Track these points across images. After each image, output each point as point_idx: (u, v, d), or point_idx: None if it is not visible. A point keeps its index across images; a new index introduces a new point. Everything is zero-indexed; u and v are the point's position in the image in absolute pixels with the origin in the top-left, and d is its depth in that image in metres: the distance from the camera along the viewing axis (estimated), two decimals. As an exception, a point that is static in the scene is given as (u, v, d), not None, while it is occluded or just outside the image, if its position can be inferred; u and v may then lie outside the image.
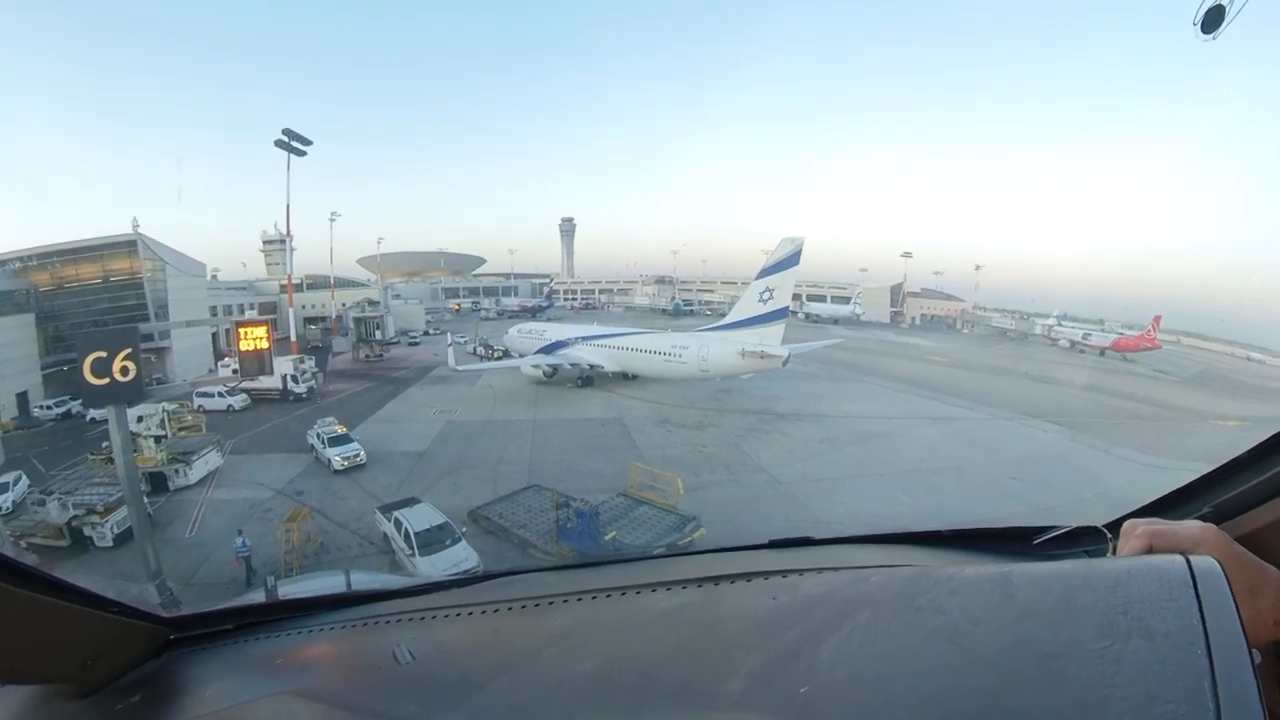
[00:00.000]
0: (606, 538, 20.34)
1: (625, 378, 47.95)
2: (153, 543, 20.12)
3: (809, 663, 1.56)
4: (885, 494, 26.12)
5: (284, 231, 66.20)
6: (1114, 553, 2.00)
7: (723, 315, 52.00)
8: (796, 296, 78.62)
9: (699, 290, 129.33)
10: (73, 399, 44.61)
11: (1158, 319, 68.56)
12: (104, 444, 27.06)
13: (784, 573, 2.17)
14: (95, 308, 54.57)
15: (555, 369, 48.28)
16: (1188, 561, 1.34)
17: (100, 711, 2.13)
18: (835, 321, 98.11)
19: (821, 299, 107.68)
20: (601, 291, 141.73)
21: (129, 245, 55.17)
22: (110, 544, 23.78)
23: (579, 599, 2.39)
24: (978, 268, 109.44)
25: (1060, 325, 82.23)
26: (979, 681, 1.28)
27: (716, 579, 2.25)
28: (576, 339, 50.19)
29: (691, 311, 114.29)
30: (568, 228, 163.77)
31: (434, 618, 2.52)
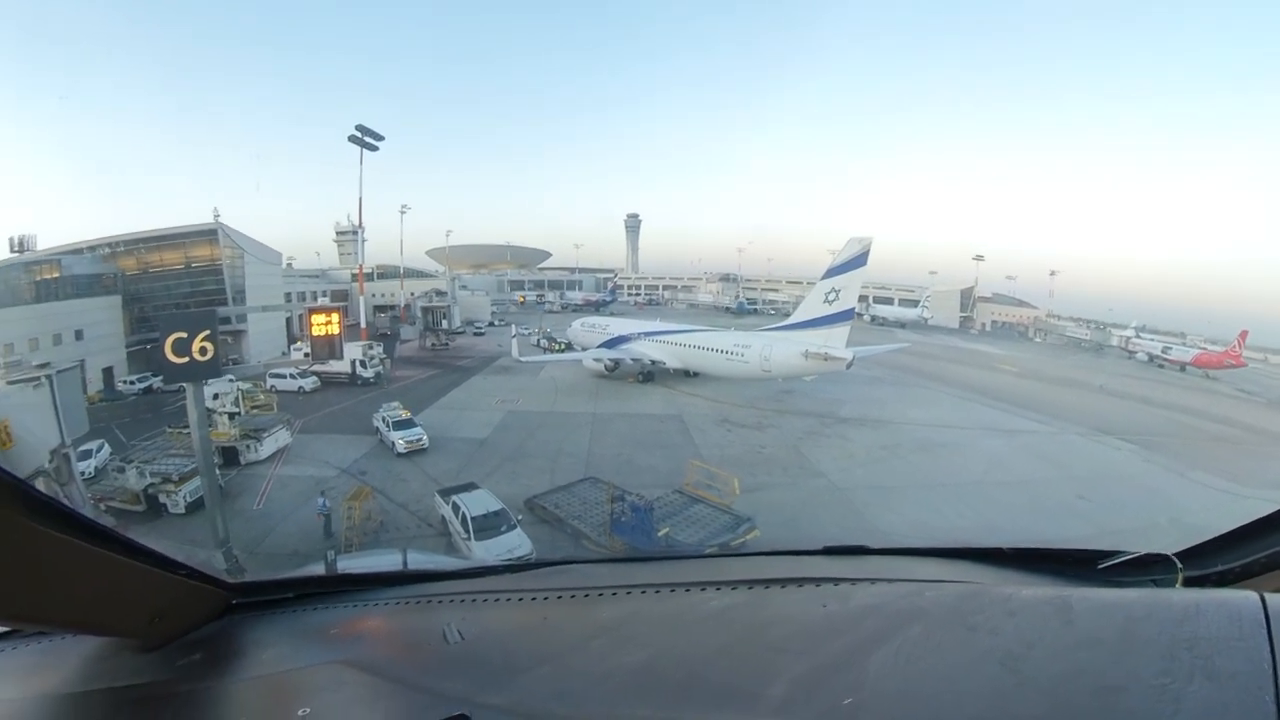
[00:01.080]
0: (659, 534, 20.20)
1: (686, 375, 47.81)
2: (222, 512, 20.93)
3: (855, 674, 1.54)
4: (946, 506, 25.23)
5: (356, 223, 68.16)
6: (1183, 583, 1.97)
7: (787, 315, 51.36)
8: (863, 298, 77.13)
9: (763, 289, 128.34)
10: (154, 375, 47.20)
11: (1244, 334, 64.50)
12: (182, 419, 28.16)
13: (836, 581, 2.17)
14: (177, 291, 57.63)
15: (617, 363, 48.48)
16: (1262, 599, 1.27)
17: (163, 666, 2.18)
18: (902, 325, 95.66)
19: (888, 301, 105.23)
20: (665, 288, 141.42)
21: (210, 234, 58.32)
22: (183, 511, 25.06)
23: (628, 593, 2.39)
24: (1053, 273, 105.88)
25: (1138, 337, 78.13)
26: (1030, 709, 1.24)
27: (767, 582, 2.24)
28: (639, 334, 50.06)
29: (755, 310, 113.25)
30: (633, 223, 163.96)
31: (485, 601, 2.56)
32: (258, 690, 2.07)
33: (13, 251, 51.60)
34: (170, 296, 56.80)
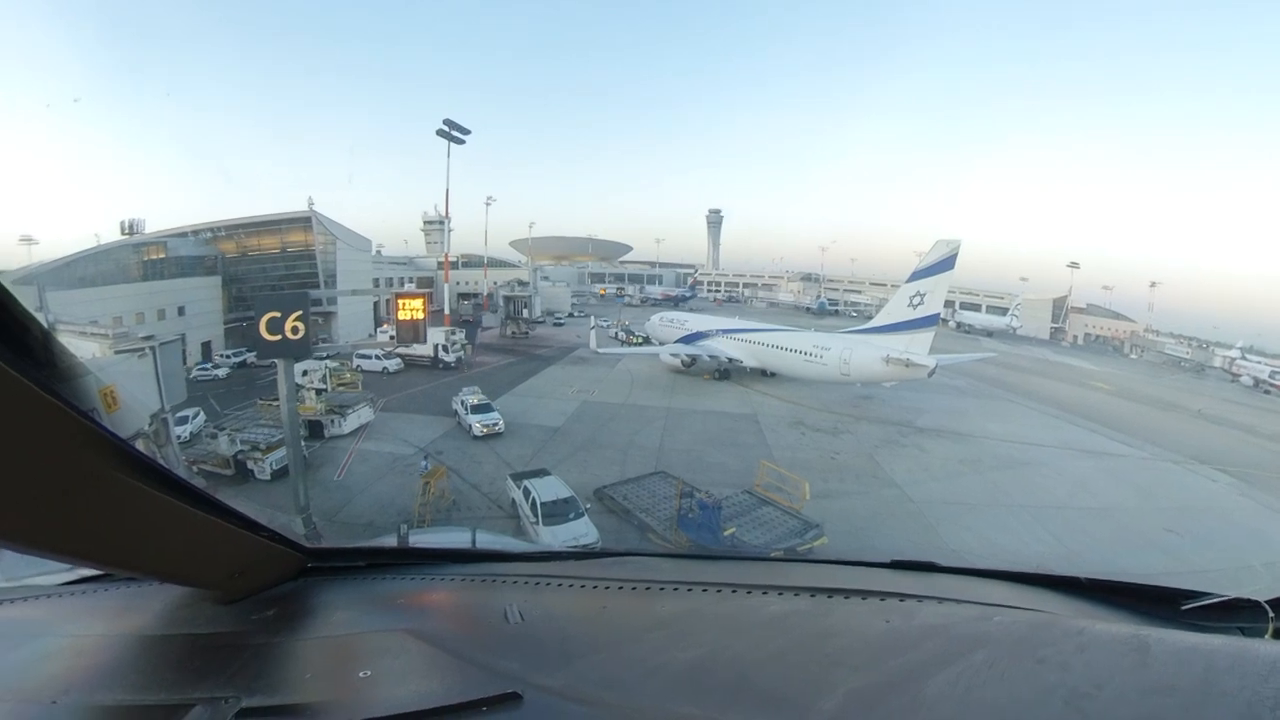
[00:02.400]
0: (725, 533, 20.07)
1: (763, 374, 47.18)
2: (304, 481, 21.88)
3: (913, 695, 1.49)
4: (1023, 528, 24.07)
5: (443, 213, 70.76)
6: (1274, 634, 1.87)
7: (869, 318, 50.29)
8: (949, 304, 74.64)
9: (845, 290, 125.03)
10: (248, 351, 49.83)
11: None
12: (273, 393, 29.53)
13: (901, 596, 2.13)
14: (272, 274, 60.86)
15: (694, 359, 48.17)
16: None
17: (239, 619, 2.30)
18: (989, 334, 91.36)
19: (976, 308, 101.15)
20: (745, 285, 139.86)
21: (305, 221, 61.43)
22: (268, 478, 26.50)
23: (689, 589, 2.38)
24: (1153, 285, 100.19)
25: (1245, 359, 71.99)
26: None
27: (830, 591, 2.20)
28: (717, 331, 49.62)
29: (836, 312, 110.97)
30: (715, 219, 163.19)
31: (547, 585, 2.58)
32: (324, 649, 2.15)
33: (123, 234, 55.75)
34: (266, 278, 60.04)
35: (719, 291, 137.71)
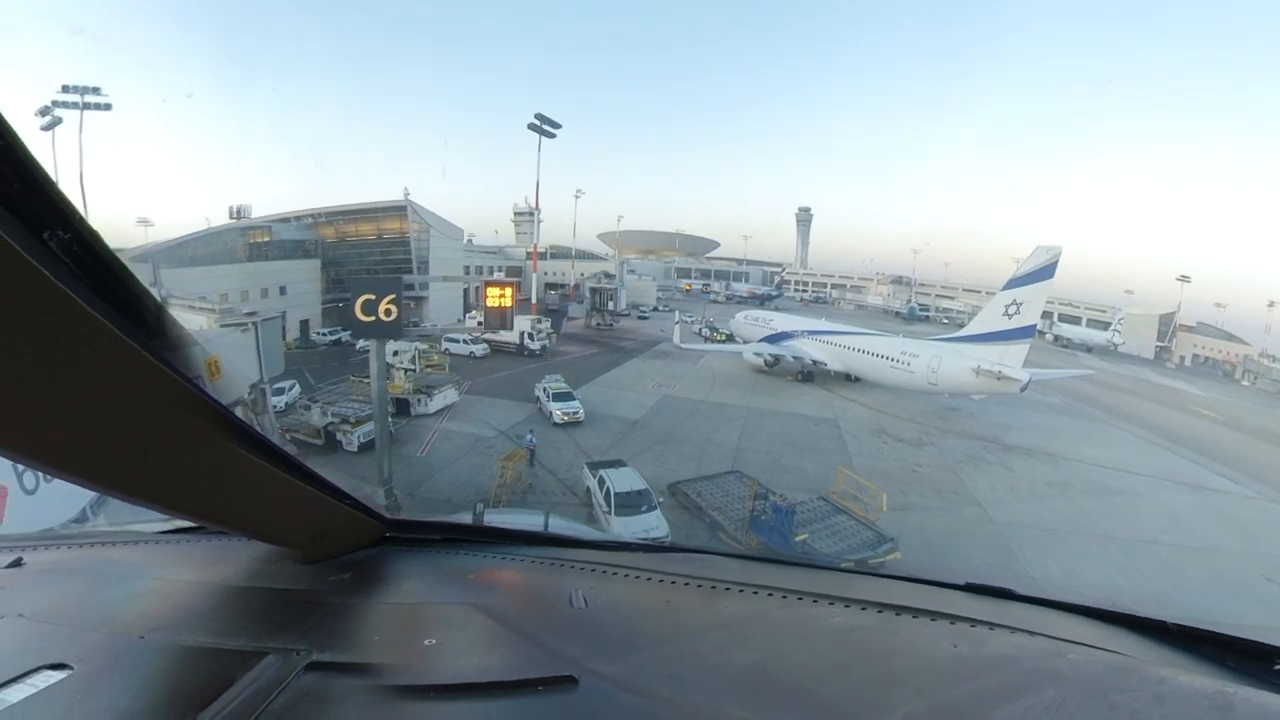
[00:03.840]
0: (797, 538, 19.77)
1: (847, 379, 45.93)
2: (389, 455, 22.69)
3: None
4: (1109, 561, 22.61)
5: (533, 205, 72.38)
6: None
7: (960, 326, 48.64)
8: (1046, 314, 70.86)
9: (938, 295, 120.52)
10: (343, 330, 52.16)
11: None
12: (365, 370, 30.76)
13: (973, 622, 2.06)
14: (368, 259, 63.91)
15: (777, 359, 47.38)
16: None
17: (317, 579, 2.41)
18: (1088, 349, 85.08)
19: (1075, 321, 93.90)
20: (833, 286, 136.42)
21: (400, 210, 64.47)
22: (355, 450, 27.84)
23: (755, 592, 2.37)
24: (1271, 304, 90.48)
25: None
26: None
27: (899, 609, 2.16)
28: (802, 332, 48.62)
29: (927, 318, 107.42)
30: (804, 217, 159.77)
31: (614, 574, 2.61)
32: (393, 615, 2.24)
33: (231, 218, 59.56)
34: (362, 263, 62.96)
35: (806, 291, 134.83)
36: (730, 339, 58.56)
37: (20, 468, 16.11)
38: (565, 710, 1.67)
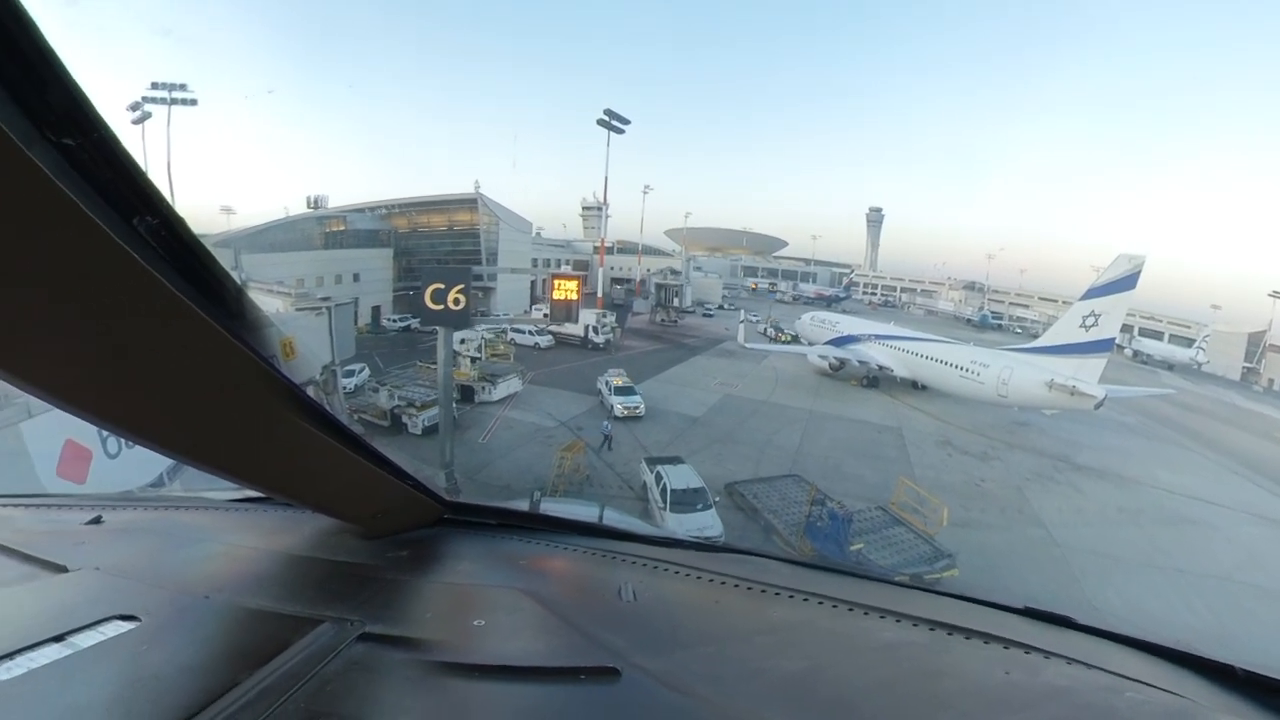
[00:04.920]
0: (852, 548, 19.47)
1: (914, 386, 44.75)
2: (451, 440, 23.27)
3: None
4: (1178, 596, 21.27)
5: (601, 200, 72.77)
6: None
7: (1035, 336, 46.93)
8: (1126, 328, 66.79)
9: (1011, 303, 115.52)
10: (413, 317, 53.65)
11: None
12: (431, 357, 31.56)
13: (1027, 648, 2.00)
14: (439, 249, 65.50)
15: (842, 363, 46.48)
16: None
17: (375, 554, 2.49)
18: (1169, 367, 79.77)
19: (1157, 336, 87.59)
20: (903, 290, 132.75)
21: (471, 202, 65.92)
22: (419, 433, 28.68)
23: (805, 599, 2.35)
24: None
25: None
26: None
27: (951, 629, 2.11)
28: (869, 336, 47.52)
29: (999, 326, 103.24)
30: (875, 218, 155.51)
31: (665, 570, 2.61)
32: (446, 594, 2.29)
33: (309, 208, 62.53)
34: (433, 253, 64.31)
35: (875, 294, 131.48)
36: (795, 340, 57.83)
37: (105, 434, 17.05)
38: (605, 701, 1.69)
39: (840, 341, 48.54)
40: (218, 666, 1.60)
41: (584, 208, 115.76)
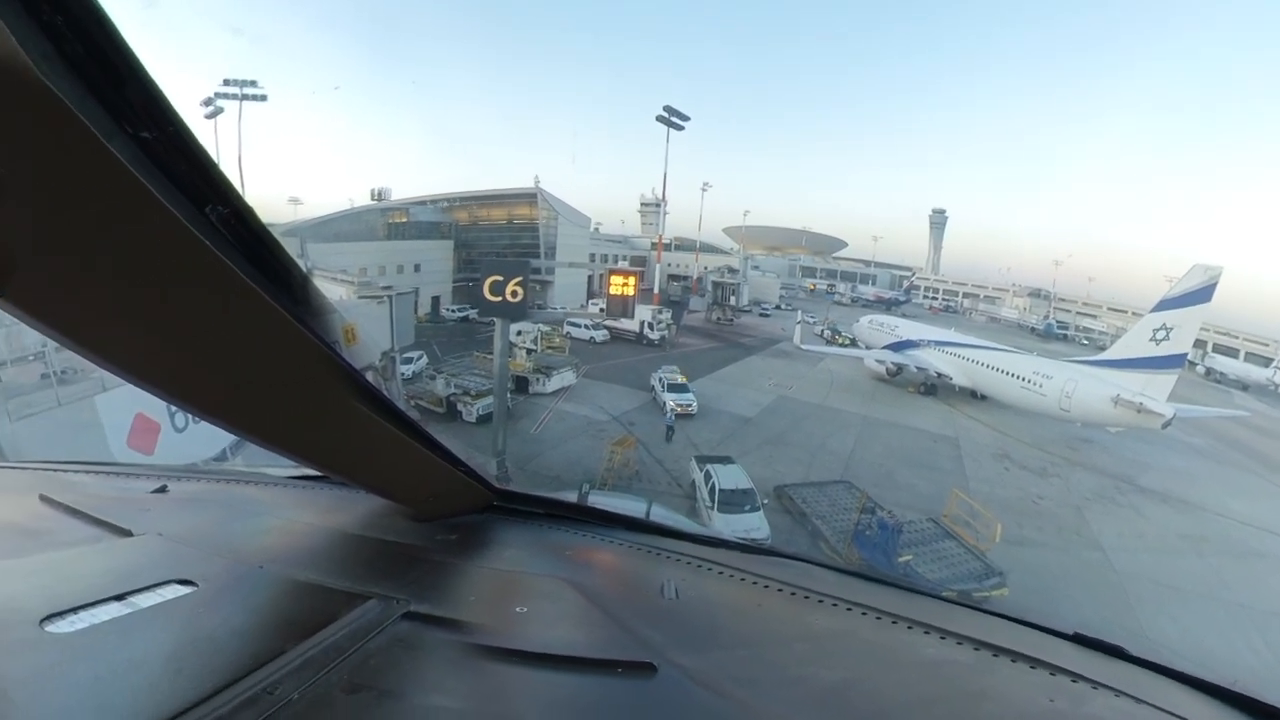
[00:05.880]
0: (900, 559, 19.07)
1: (972, 395, 43.18)
2: (504, 429, 23.65)
3: None
4: (1238, 632, 19.94)
5: (659, 196, 73.71)
6: None
7: (1101, 348, 45.29)
8: (1199, 343, 63.37)
9: (1078, 313, 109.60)
10: (471, 308, 54.64)
11: None
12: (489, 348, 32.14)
13: (1075, 676, 1.94)
14: (498, 242, 67.09)
15: (899, 369, 45.32)
16: None
17: (424, 536, 2.56)
18: (1244, 387, 74.26)
19: (1232, 353, 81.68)
20: (965, 295, 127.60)
21: (530, 197, 67.36)
22: (473, 421, 29.27)
23: (849, 608, 2.33)
24: None
25: None
26: None
27: (996, 650, 2.06)
28: (929, 342, 46.34)
29: (1065, 336, 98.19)
30: (938, 220, 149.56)
31: (708, 570, 2.62)
32: (490, 579, 2.34)
33: (373, 200, 65.43)
34: (492, 246, 65.87)
35: (935, 299, 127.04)
36: (853, 343, 56.79)
37: (173, 409, 17.75)
38: (640, 695, 1.70)
39: (898, 346, 47.48)
40: (267, 633, 1.67)
41: (642, 204, 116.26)
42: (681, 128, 61.01)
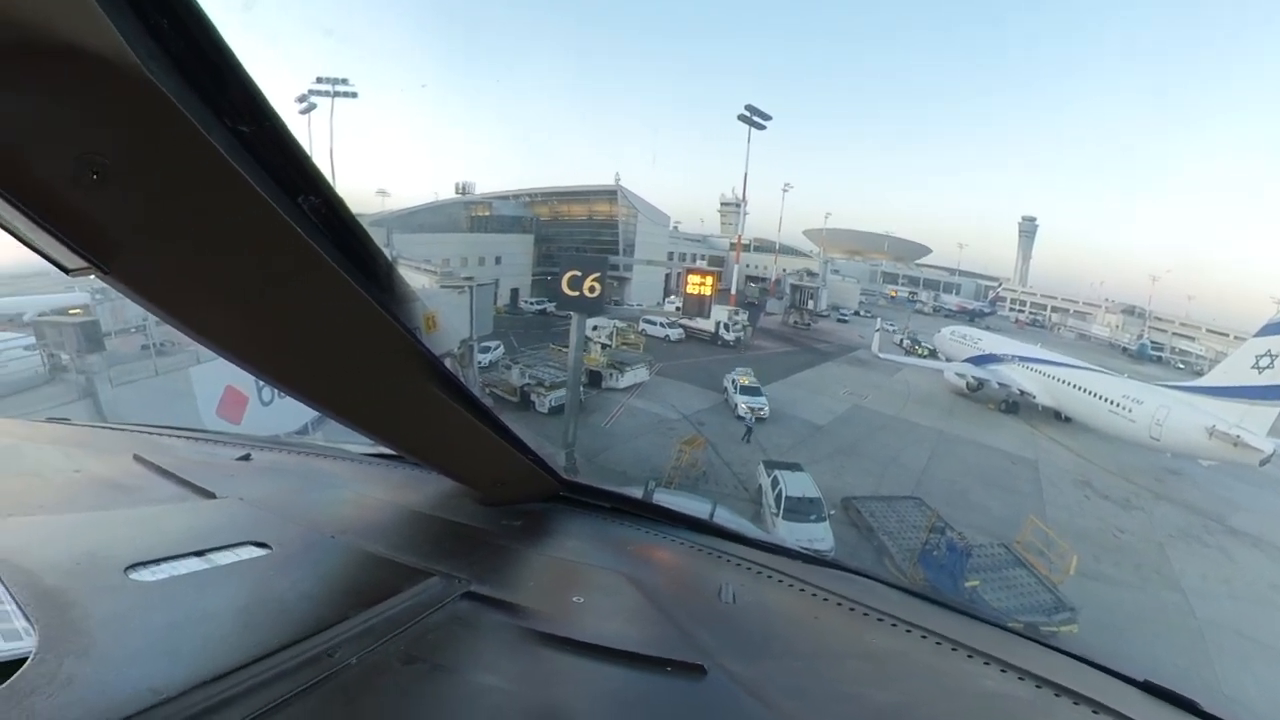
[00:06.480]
0: (966, 584, 18.35)
1: (1056, 416, 41.11)
2: (575, 421, 24.07)
3: None
4: None
5: (739, 196, 73.37)
6: None
7: (1198, 373, 42.93)
8: None
9: (1175, 333, 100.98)
10: (549, 301, 55.71)
11: None
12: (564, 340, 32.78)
13: None
14: (578, 238, 68.71)
15: (980, 384, 43.54)
16: None
17: (490, 521, 2.63)
18: None
19: None
20: (1054, 309, 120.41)
21: (611, 194, 68.69)
22: (545, 412, 29.86)
23: (907, 630, 2.28)
24: None
25: None
26: None
27: (1060, 689, 1.97)
28: (1013, 357, 44.51)
29: (1159, 358, 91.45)
30: (1028, 228, 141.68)
31: (767, 577, 2.60)
32: (550, 567, 2.39)
33: (457, 193, 67.59)
34: (572, 241, 67.24)
35: (1022, 312, 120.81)
36: (933, 354, 55.24)
37: (260, 384, 18.67)
38: (687, 697, 1.71)
39: (981, 360, 45.90)
40: (333, 599, 1.75)
41: (722, 203, 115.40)
42: (763, 127, 60.62)
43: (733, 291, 62.62)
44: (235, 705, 1.20)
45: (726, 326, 50.99)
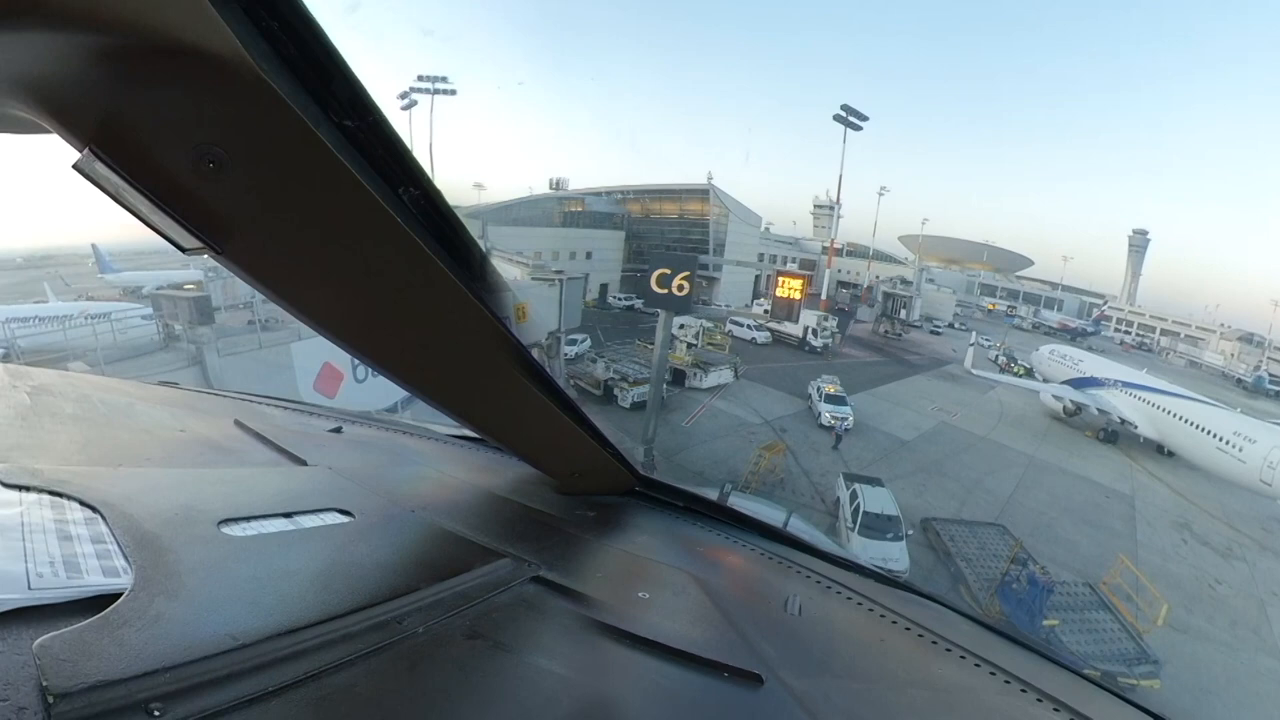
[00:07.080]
0: (1045, 622, 17.50)
1: (1158, 450, 38.56)
2: (656, 418, 24.27)
3: None
4: None
5: (834, 199, 72.61)
6: None
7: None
8: None
9: None
10: (637, 298, 56.31)
11: None
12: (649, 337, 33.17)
13: None
14: (668, 236, 69.35)
15: (1079, 409, 41.35)
16: None
17: (564, 509, 2.69)
18: None
19: None
20: (1163, 332, 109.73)
21: (703, 193, 69.17)
22: (627, 407, 30.00)
23: (977, 664, 2.19)
24: None
25: None
26: None
27: None
28: (1115, 382, 41.83)
29: (1278, 393, 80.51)
30: (1139, 242, 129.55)
31: (836, 592, 2.57)
32: (618, 560, 2.43)
33: (551, 189, 68.97)
34: (662, 239, 67.79)
35: (1129, 333, 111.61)
36: (1029, 374, 52.83)
37: (356, 363, 19.68)
38: (741, 704, 1.70)
39: (1080, 383, 43.68)
40: (406, 570, 1.84)
41: (815, 206, 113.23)
42: (860, 128, 59.38)
43: (823, 297, 61.45)
44: (305, 658, 1.29)
45: (815, 332, 49.93)
